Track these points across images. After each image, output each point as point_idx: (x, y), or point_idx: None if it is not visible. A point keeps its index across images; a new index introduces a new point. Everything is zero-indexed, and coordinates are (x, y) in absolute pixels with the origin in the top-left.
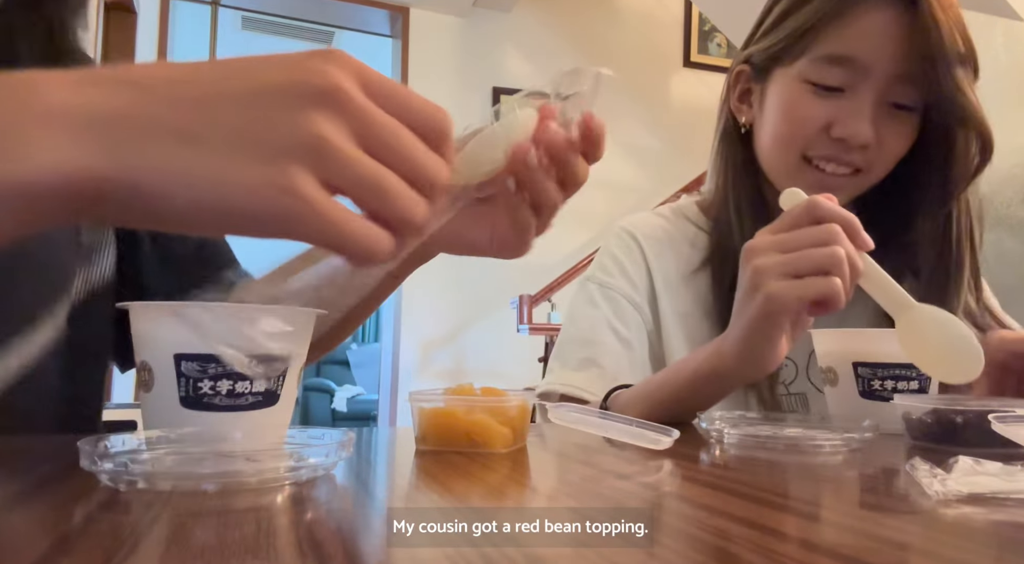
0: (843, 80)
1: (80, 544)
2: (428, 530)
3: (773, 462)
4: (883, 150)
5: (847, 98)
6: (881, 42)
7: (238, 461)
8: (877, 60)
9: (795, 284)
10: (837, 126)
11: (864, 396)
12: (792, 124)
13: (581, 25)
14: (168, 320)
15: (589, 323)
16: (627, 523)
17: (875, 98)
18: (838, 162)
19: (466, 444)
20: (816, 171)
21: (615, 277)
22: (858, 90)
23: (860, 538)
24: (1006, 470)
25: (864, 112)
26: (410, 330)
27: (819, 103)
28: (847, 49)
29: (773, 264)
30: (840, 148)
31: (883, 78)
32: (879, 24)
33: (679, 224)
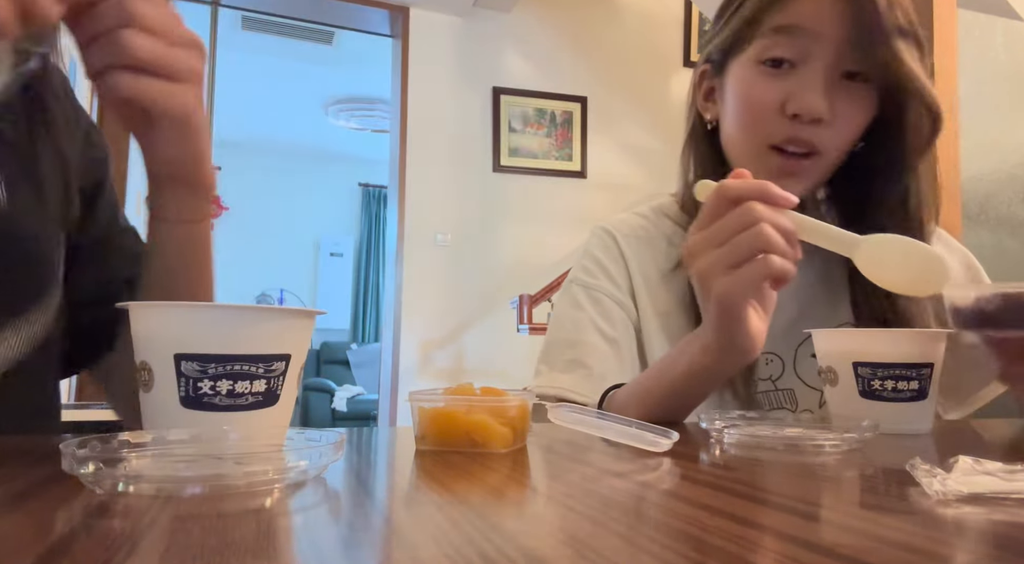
0: (793, 52)
1: (72, 549)
2: (428, 530)
3: (773, 462)
4: (839, 125)
5: (799, 73)
6: (827, 10)
7: (226, 464)
8: (823, 28)
9: (738, 276)
10: (791, 102)
11: (864, 396)
12: (750, 107)
13: (581, 25)
14: (168, 320)
15: (574, 324)
16: (627, 523)
17: (826, 68)
18: (797, 143)
19: (466, 444)
20: (778, 155)
21: (598, 278)
22: (809, 62)
23: (860, 538)
24: (1006, 470)
25: (816, 84)
26: (410, 330)
27: (773, 82)
28: (793, 19)
29: (712, 263)
30: (796, 126)
31: (831, 46)
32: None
33: (659, 222)
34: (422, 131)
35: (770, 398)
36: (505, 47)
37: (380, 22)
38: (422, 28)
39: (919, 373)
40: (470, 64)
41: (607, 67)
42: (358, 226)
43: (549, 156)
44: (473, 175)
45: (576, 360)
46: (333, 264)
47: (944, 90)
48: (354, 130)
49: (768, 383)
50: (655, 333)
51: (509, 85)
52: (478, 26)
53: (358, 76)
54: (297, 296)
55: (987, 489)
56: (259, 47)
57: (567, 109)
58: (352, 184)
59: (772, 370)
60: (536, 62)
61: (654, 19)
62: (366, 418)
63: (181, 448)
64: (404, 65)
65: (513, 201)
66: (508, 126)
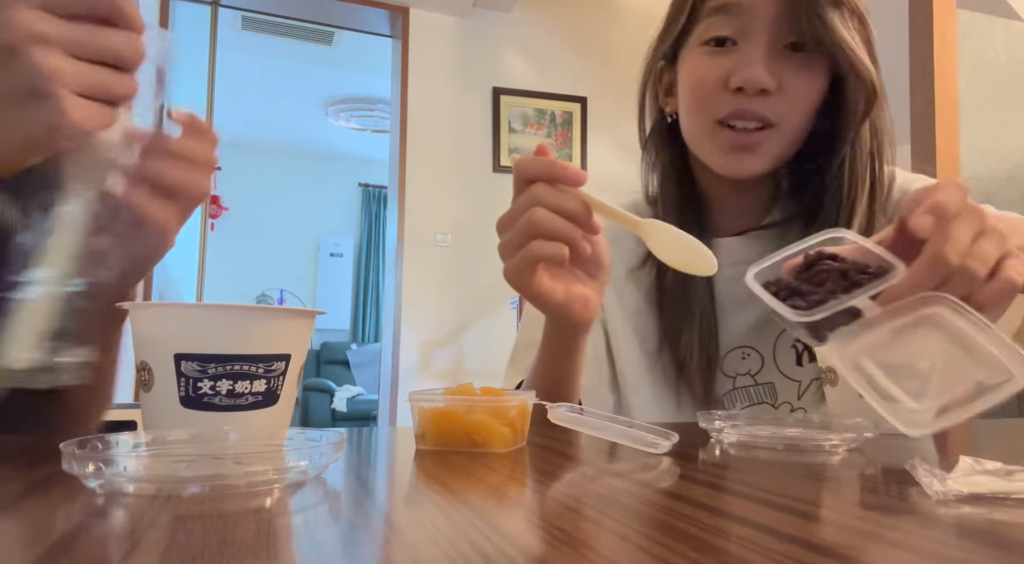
0: (733, 29)
1: (72, 549)
2: (428, 530)
3: (773, 462)
4: (789, 96)
5: (741, 49)
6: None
7: (226, 464)
8: (759, 3)
9: (513, 262)
10: (734, 76)
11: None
12: (696, 87)
13: (581, 25)
14: (168, 320)
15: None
16: (627, 523)
17: (766, 42)
18: (745, 117)
19: (466, 444)
20: (728, 130)
21: None
22: (749, 38)
23: (860, 538)
24: (1006, 470)
25: (757, 57)
26: (410, 330)
27: (716, 61)
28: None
29: (501, 245)
30: (742, 99)
31: (769, 20)
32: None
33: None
34: (422, 131)
35: (749, 393)
36: (505, 47)
37: (380, 22)
38: (422, 28)
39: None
40: (470, 64)
41: (607, 67)
42: (358, 226)
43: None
44: (473, 175)
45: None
46: (333, 264)
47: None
48: (354, 130)
49: (747, 378)
50: (623, 330)
51: (509, 85)
52: (478, 26)
53: (358, 76)
54: (297, 296)
55: (987, 489)
56: (259, 47)
57: (567, 109)
58: (352, 184)
59: (751, 364)
60: (536, 62)
61: (654, 19)
62: (366, 418)
63: (181, 448)
64: (404, 65)
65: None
66: (508, 126)
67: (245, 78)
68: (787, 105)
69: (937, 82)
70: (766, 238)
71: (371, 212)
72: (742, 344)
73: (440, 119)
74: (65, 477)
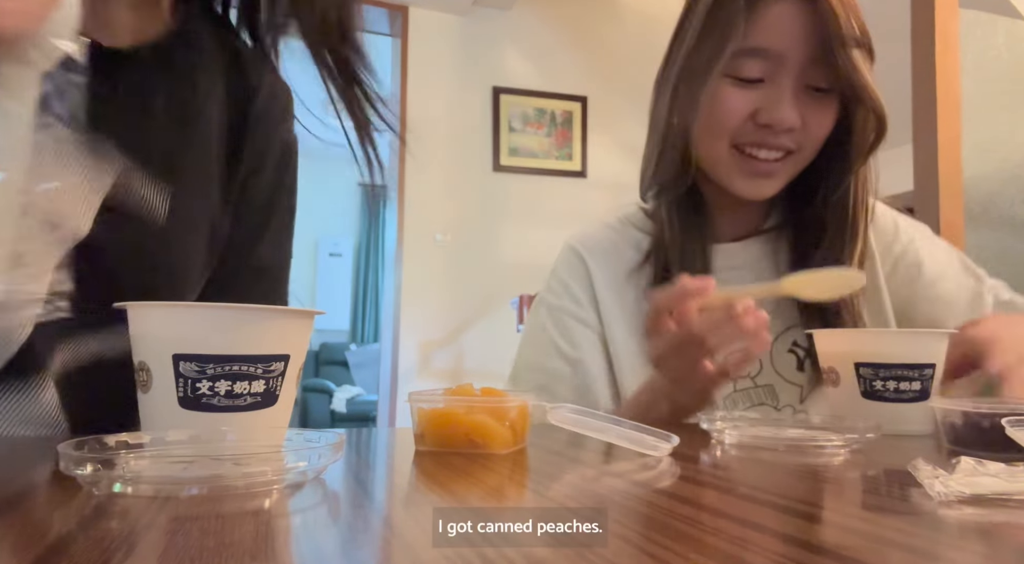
0: (761, 71)
1: (70, 550)
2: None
3: (774, 463)
4: (809, 130)
5: (767, 87)
6: (789, 31)
7: (225, 465)
8: (788, 48)
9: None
10: (762, 113)
11: (866, 396)
12: (721, 116)
13: (581, 24)
14: (167, 320)
15: (541, 348)
16: (627, 524)
17: (793, 84)
18: (769, 147)
19: (466, 445)
20: (748, 159)
21: (562, 298)
22: (776, 78)
23: (862, 539)
24: (1008, 471)
25: (785, 98)
26: (410, 330)
27: (742, 94)
28: (760, 42)
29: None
30: (768, 133)
31: (797, 64)
32: (785, 15)
33: (625, 232)
34: (422, 130)
35: (750, 395)
36: (505, 46)
37: (379, 21)
38: (421, 27)
39: (921, 374)
40: (470, 63)
41: (607, 67)
42: (358, 226)
43: (549, 156)
44: (473, 175)
45: (542, 386)
46: (332, 264)
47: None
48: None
49: (747, 380)
50: (623, 334)
51: (509, 85)
52: (478, 25)
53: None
54: (296, 296)
55: (989, 490)
56: None
57: (567, 109)
58: (352, 184)
59: (750, 368)
60: (536, 61)
61: (654, 19)
62: (365, 419)
63: (179, 449)
64: (404, 64)
65: (513, 201)
66: (508, 126)
67: None
68: (806, 137)
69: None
70: (761, 242)
71: (371, 212)
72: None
73: (440, 118)
74: (63, 478)
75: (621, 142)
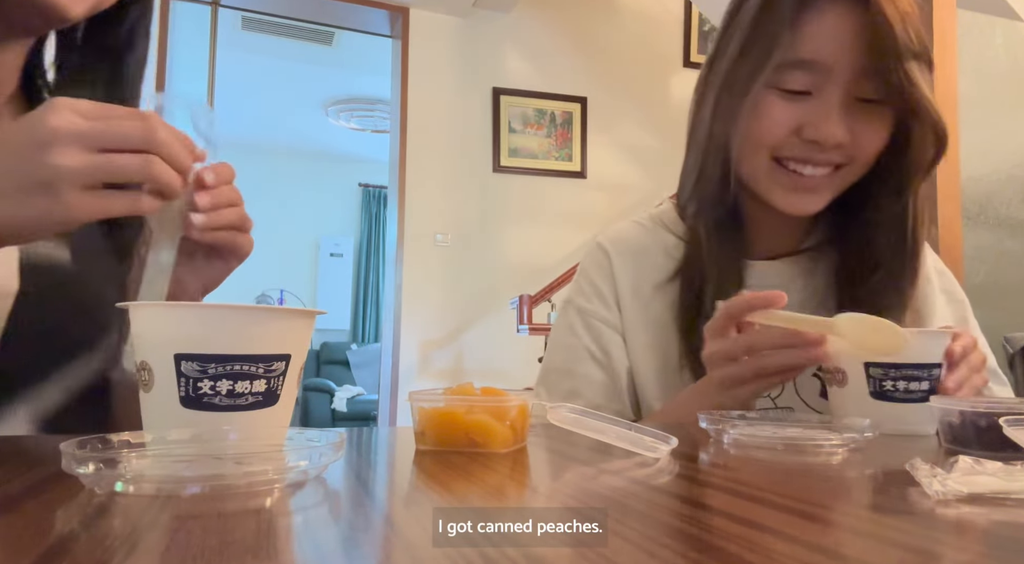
0: (808, 83)
1: (72, 549)
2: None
3: (773, 462)
4: (860, 144)
5: (814, 100)
6: (838, 42)
7: (226, 464)
8: (837, 60)
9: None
10: (808, 128)
11: (875, 397)
12: (765, 129)
13: (581, 25)
14: (168, 320)
15: (572, 353)
16: (627, 523)
17: (841, 97)
18: (815, 163)
19: (466, 444)
20: (791, 174)
21: (592, 301)
22: (824, 91)
23: (860, 538)
24: (1006, 470)
25: (833, 113)
26: (410, 330)
27: (787, 107)
28: (807, 53)
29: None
30: (814, 149)
31: (846, 76)
32: (834, 24)
33: (656, 233)
34: (422, 131)
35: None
36: (505, 47)
37: (380, 22)
38: (422, 28)
39: (929, 374)
40: (470, 64)
41: (607, 67)
42: (358, 226)
43: (549, 156)
44: (473, 175)
45: (572, 391)
46: (333, 264)
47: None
48: (354, 130)
49: (767, 401)
50: (644, 345)
51: (509, 85)
52: (478, 26)
53: (358, 76)
54: (297, 296)
55: (987, 489)
56: (259, 47)
57: (567, 109)
58: (352, 184)
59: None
60: (536, 62)
61: (654, 19)
62: (366, 418)
63: (181, 448)
64: (404, 65)
65: (513, 201)
66: (508, 126)
67: (245, 78)
68: (858, 151)
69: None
70: (797, 261)
71: (371, 212)
72: None
73: (440, 119)
74: (65, 477)
75: (620, 143)
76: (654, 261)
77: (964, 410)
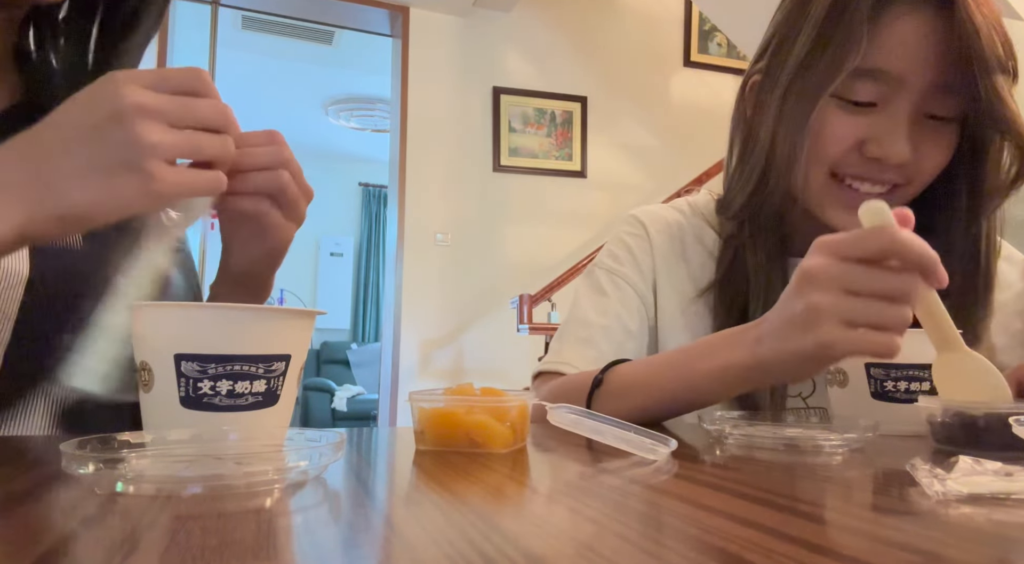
0: (875, 94)
1: (72, 549)
2: (428, 530)
3: (773, 462)
4: (922, 164)
5: (880, 113)
6: (915, 51)
7: (226, 464)
8: (911, 71)
9: (852, 337)
10: (871, 144)
11: (876, 397)
12: (825, 142)
13: (581, 25)
14: (168, 320)
15: (594, 307)
16: (627, 523)
17: (911, 112)
18: (873, 181)
19: (466, 444)
20: (848, 190)
21: (624, 265)
22: (892, 103)
23: (860, 538)
24: (1006, 470)
25: (900, 129)
26: (410, 330)
27: (850, 120)
28: (878, 61)
29: (833, 307)
30: (875, 167)
31: (918, 90)
32: (911, 31)
33: (693, 220)
34: (422, 131)
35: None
36: (505, 47)
37: (380, 22)
38: (422, 28)
39: (930, 374)
40: (470, 64)
41: (607, 67)
42: (358, 226)
43: (549, 156)
44: (473, 175)
45: (588, 339)
46: (333, 264)
47: None
48: (354, 130)
49: (798, 400)
50: (675, 332)
51: (509, 85)
52: (478, 26)
53: (358, 76)
54: (297, 296)
55: (987, 489)
56: (259, 47)
57: (567, 109)
58: (352, 184)
59: (802, 387)
60: (536, 62)
61: (654, 19)
62: (366, 418)
63: (181, 448)
64: (404, 65)
65: (513, 201)
66: (508, 126)
67: (245, 78)
68: (918, 171)
69: None
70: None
71: (371, 212)
72: None
73: (440, 119)
74: (65, 477)
75: (621, 142)
76: (689, 247)
77: (962, 410)
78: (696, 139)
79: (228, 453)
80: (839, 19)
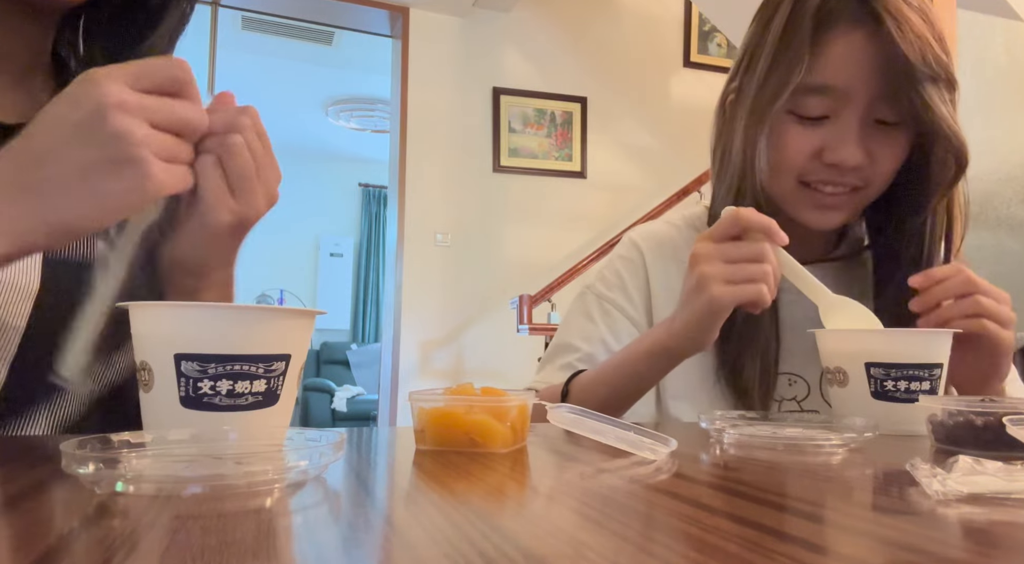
0: (826, 108)
1: (72, 549)
2: (428, 530)
3: (773, 462)
4: (877, 166)
5: (832, 124)
6: (856, 66)
7: (226, 464)
8: (855, 85)
9: (732, 290)
10: (828, 152)
11: (876, 397)
12: (783, 154)
13: (581, 25)
14: (168, 320)
15: (581, 333)
16: (627, 523)
17: (859, 121)
18: (835, 184)
19: (466, 444)
20: (815, 192)
21: (613, 290)
22: (842, 115)
23: (860, 538)
24: (1006, 470)
25: (851, 136)
26: (410, 330)
27: (806, 132)
28: (824, 79)
29: (716, 272)
30: (834, 172)
31: (863, 101)
32: (850, 49)
33: (687, 235)
34: (422, 131)
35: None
36: (505, 47)
37: (380, 22)
38: (422, 28)
39: (931, 373)
40: (470, 64)
41: (607, 67)
42: (358, 226)
43: (549, 156)
44: (473, 175)
45: (571, 365)
46: (333, 264)
47: None
48: (354, 130)
49: (793, 403)
50: None
51: (509, 85)
52: (478, 26)
53: (358, 76)
54: (297, 296)
55: (987, 489)
56: (259, 47)
57: (567, 109)
58: (352, 184)
59: (797, 391)
60: (536, 62)
61: (654, 19)
62: (366, 418)
63: (181, 448)
64: (404, 65)
65: (513, 201)
66: (508, 126)
67: (245, 78)
68: (874, 172)
69: None
70: (830, 269)
71: (371, 212)
72: (790, 371)
73: (440, 119)
74: (65, 477)
75: (621, 142)
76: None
77: (960, 409)
78: (696, 139)
79: (228, 453)
80: (789, 40)
